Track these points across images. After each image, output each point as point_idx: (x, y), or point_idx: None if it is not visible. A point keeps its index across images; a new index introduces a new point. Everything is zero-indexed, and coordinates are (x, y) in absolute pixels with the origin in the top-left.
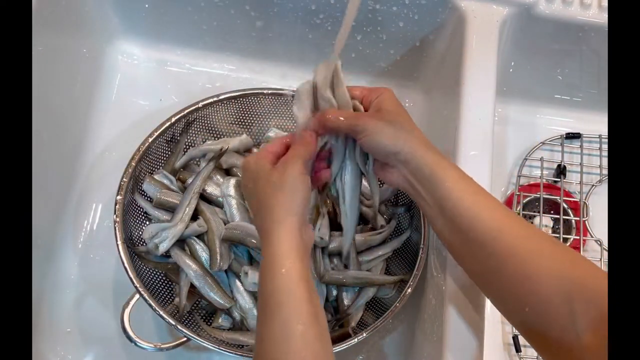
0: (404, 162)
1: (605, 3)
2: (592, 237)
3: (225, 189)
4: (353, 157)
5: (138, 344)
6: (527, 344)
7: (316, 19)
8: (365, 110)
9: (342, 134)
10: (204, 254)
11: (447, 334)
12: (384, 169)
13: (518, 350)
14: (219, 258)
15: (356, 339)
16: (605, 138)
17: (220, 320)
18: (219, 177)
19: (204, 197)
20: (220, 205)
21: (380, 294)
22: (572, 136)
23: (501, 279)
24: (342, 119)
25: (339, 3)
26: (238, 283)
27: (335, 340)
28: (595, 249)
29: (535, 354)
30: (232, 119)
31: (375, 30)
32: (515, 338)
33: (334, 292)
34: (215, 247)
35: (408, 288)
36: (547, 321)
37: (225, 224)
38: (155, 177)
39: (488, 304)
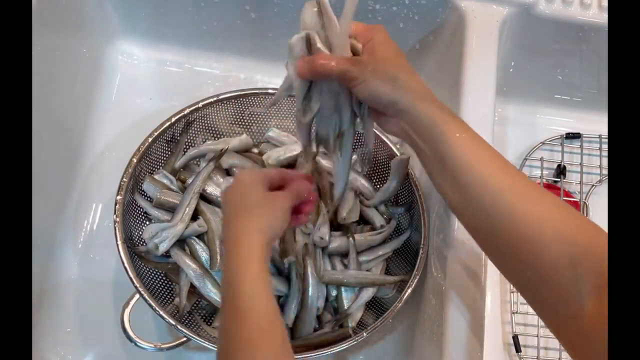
0: (402, 112)
1: (605, 3)
2: None
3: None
4: (345, 103)
5: (138, 344)
6: (527, 343)
7: None
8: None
9: (334, 82)
10: (204, 254)
11: (447, 334)
12: (381, 118)
13: (518, 350)
14: (219, 258)
15: (356, 340)
16: (605, 138)
17: None
18: (219, 177)
19: (204, 197)
20: (220, 205)
21: (380, 294)
22: (572, 136)
23: (502, 239)
24: (333, 64)
25: (339, 3)
26: None
27: (335, 341)
28: None
29: (535, 354)
30: (232, 119)
31: None
32: (515, 338)
33: (334, 292)
34: (215, 247)
35: (408, 288)
36: (550, 286)
37: None
38: (155, 177)
39: (488, 304)
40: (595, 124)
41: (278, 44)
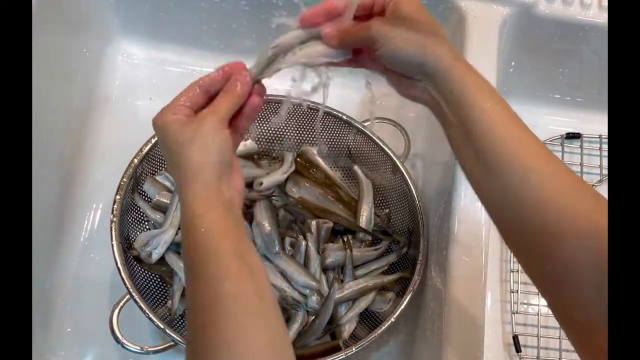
0: (430, 75)
1: (605, 3)
2: None
3: None
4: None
5: (125, 345)
6: (527, 343)
7: None
8: (381, 15)
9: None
10: None
11: (447, 334)
12: (404, 83)
13: (518, 350)
14: None
15: (345, 354)
16: (605, 138)
17: None
18: None
19: None
20: None
21: (374, 308)
22: (572, 136)
23: (528, 226)
24: (351, 30)
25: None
26: None
27: (327, 352)
28: None
29: (535, 353)
30: None
31: None
32: (515, 338)
33: None
34: None
35: (402, 304)
36: (567, 284)
37: None
38: (157, 178)
39: (488, 304)
40: (595, 124)
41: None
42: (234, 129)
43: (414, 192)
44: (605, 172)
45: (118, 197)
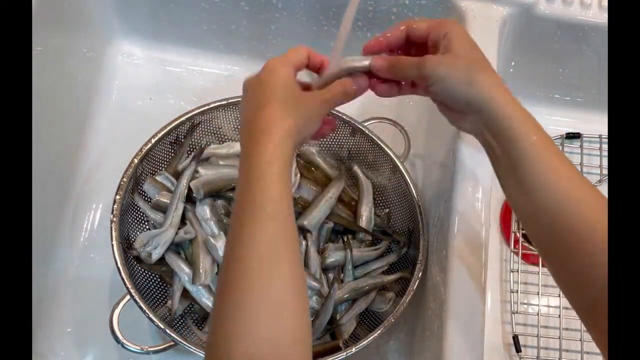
0: (479, 112)
1: (605, 3)
2: None
3: (202, 212)
4: None
5: (125, 345)
6: (527, 343)
7: (319, 16)
8: (433, 49)
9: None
10: None
11: (447, 334)
12: (454, 116)
13: (518, 350)
14: (201, 272)
15: (344, 354)
16: (605, 138)
17: None
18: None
19: (191, 199)
20: None
21: (374, 308)
22: (572, 136)
23: (563, 254)
24: (403, 63)
25: (339, 10)
26: None
27: (327, 352)
28: None
29: (535, 354)
30: (238, 123)
31: (374, 31)
32: (515, 338)
33: None
34: (198, 261)
35: (403, 304)
36: (605, 317)
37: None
38: (157, 178)
39: (488, 304)
40: (595, 124)
41: (279, 44)
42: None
43: (414, 192)
44: (605, 172)
45: (118, 197)
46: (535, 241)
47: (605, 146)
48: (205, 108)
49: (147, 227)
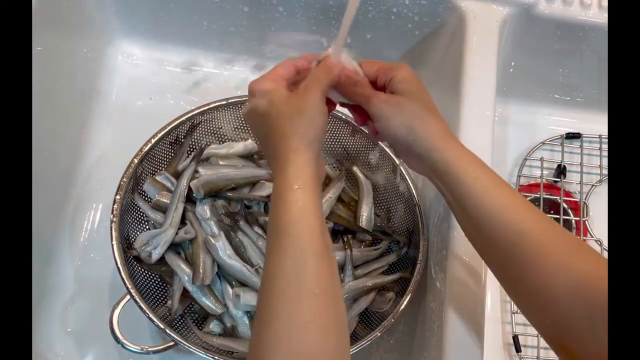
0: (419, 155)
1: (605, 3)
2: (592, 237)
3: (202, 212)
4: None
5: (125, 345)
6: (527, 343)
7: (319, 16)
8: (381, 90)
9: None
10: None
11: (447, 334)
12: (404, 158)
13: (518, 350)
14: (201, 272)
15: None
16: (605, 138)
17: (211, 326)
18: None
19: (191, 199)
20: None
21: (374, 308)
22: (572, 136)
23: (522, 286)
24: (361, 92)
25: (339, 12)
26: (230, 290)
27: None
28: (595, 249)
29: (535, 354)
30: (238, 123)
31: (374, 31)
32: (515, 338)
33: None
34: (198, 261)
35: (403, 302)
36: (569, 334)
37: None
38: (157, 178)
39: (488, 304)
40: (595, 124)
41: (280, 44)
42: None
43: (414, 192)
44: (605, 172)
45: (118, 197)
46: (497, 275)
47: (605, 146)
48: (205, 108)
49: (147, 227)
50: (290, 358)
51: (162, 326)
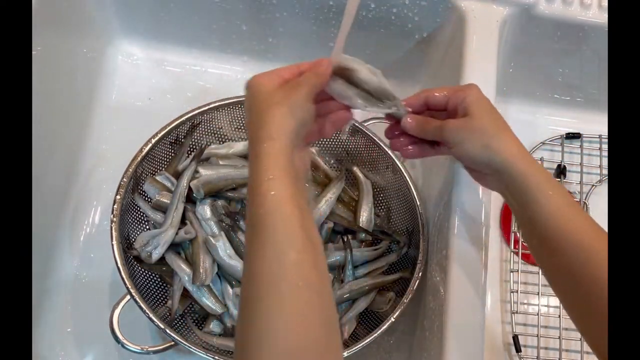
0: (497, 172)
1: (605, 3)
2: None
3: (202, 212)
4: None
5: (125, 345)
6: (527, 343)
7: (319, 16)
8: (453, 114)
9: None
10: None
11: (447, 334)
12: (476, 175)
13: (518, 350)
14: (201, 272)
15: (344, 354)
16: (605, 138)
17: (211, 326)
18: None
19: (191, 199)
20: None
21: (374, 308)
22: (572, 136)
23: (587, 310)
24: (433, 127)
25: (338, 14)
26: (230, 290)
27: None
28: None
29: (535, 354)
30: (238, 123)
31: (374, 31)
32: (515, 338)
33: None
34: (198, 261)
35: (402, 304)
36: None
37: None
38: (157, 178)
39: (488, 304)
40: (595, 124)
41: (280, 45)
42: (319, 127)
43: (414, 192)
44: (605, 172)
45: (118, 197)
46: (560, 295)
47: (605, 146)
48: (205, 108)
49: (147, 227)
50: (275, 357)
51: (162, 326)
